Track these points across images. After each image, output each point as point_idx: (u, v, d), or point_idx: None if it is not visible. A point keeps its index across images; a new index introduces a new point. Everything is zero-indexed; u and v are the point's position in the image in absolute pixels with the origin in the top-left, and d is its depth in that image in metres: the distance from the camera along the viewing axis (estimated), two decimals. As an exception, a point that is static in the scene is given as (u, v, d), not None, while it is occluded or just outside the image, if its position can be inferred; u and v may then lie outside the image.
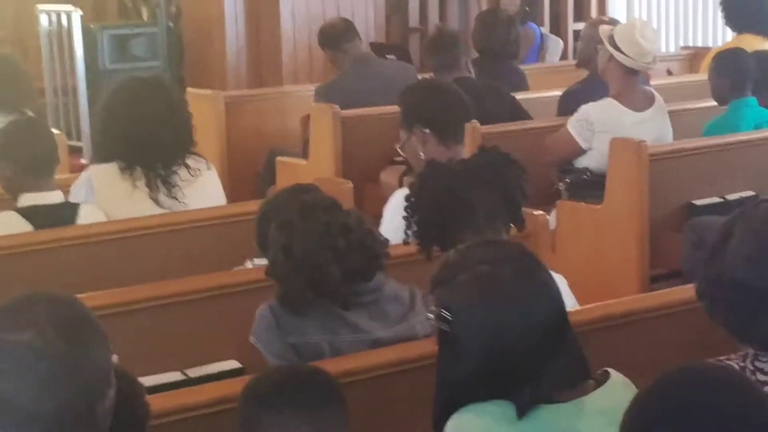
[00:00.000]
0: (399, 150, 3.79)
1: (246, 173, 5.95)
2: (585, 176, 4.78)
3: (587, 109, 4.80)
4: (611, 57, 4.79)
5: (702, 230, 4.35)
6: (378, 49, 6.98)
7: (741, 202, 4.47)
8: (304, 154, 5.61)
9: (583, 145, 4.77)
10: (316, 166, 5.33)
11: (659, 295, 3.11)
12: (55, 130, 4.74)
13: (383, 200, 3.78)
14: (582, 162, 4.82)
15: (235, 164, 5.97)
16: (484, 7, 8.28)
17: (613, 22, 5.71)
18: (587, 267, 4.55)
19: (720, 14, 6.67)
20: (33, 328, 1.69)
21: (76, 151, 7.21)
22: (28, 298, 1.75)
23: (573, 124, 4.80)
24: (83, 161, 7.03)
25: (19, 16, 9.29)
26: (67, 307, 1.75)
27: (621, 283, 4.39)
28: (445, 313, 2.02)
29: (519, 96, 5.58)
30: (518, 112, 5.40)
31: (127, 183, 3.70)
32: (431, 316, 2.08)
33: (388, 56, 6.67)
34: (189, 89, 6.21)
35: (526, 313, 2.00)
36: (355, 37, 5.97)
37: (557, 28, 8.49)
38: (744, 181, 4.71)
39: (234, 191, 5.36)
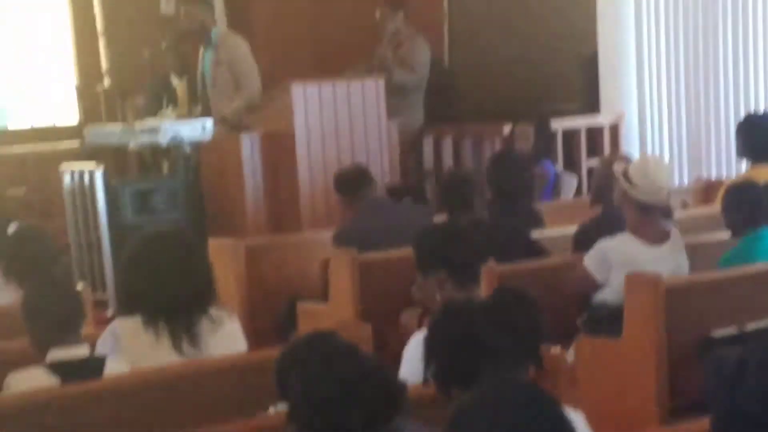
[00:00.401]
0: (415, 293, 3.85)
1: (267, 319, 6.00)
2: (602, 311, 4.82)
3: (604, 244, 4.88)
4: (626, 193, 4.88)
5: (721, 362, 4.36)
6: (393, 191, 7.11)
7: (759, 333, 4.50)
8: (324, 298, 5.67)
9: (600, 279, 4.83)
10: (337, 310, 5.39)
11: (679, 429, 3.12)
12: (80, 284, 4.84)
13: (403, 342, 3.82)
14: (599, 297, 4.87)
15: (256, 310, 6.04)
16: (498, 147, 8.42)
17: (627, 158, 5.81)
18: (608, 401, 4.56)
19: (735, 144, 6.79)
20: None
21: (101, 304, 7.30)
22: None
23: (590, 260, 4.87)
24: (108, 314, 7.11)
25: (43, 175, 9.51)
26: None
27: (642, 416, 4.39)
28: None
29: (534, 234, 5.65)
30: (535, 250, 5.47)
31: (151, 335, 3.76)
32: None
33: (403, 198, 6.79)
34: (210, 239, 6.31)
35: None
36: (370, 182, 6.10)
37: (571, 165, 8.61)
38: (762, 313, 4.73)
39: (255, 337, 5.40)
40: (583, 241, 5.24)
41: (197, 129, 7.69)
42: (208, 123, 7.78)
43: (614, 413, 4.42)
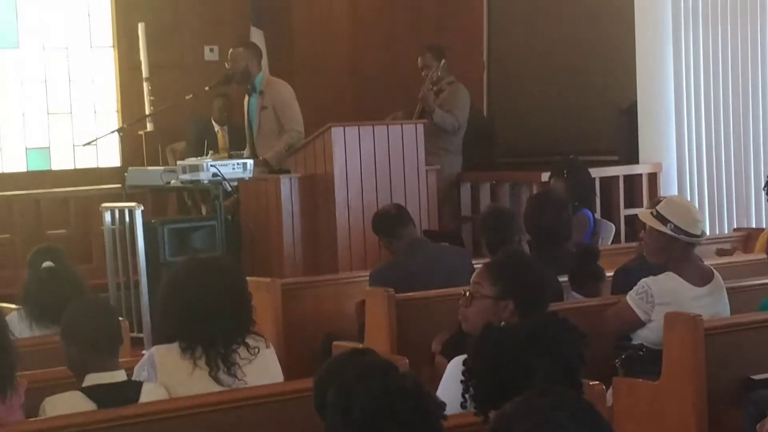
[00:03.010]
0: (466, 293, 3.78)
1: (303, 358, 5.98)
2: (641, 352, 4.77)
3: (647, 282, 4.83)
4: (662, 234, 4.83)
5: (762, 405, 4.31)
6: (431, 236, 7.11)
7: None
8: (360, 338, 5.66)
9: (643, 317, 4.79)
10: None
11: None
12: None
13: (439, 379, 3.79)
14: (639, 336, 4.82)
15: (292, 350, 6.03)
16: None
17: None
18: (647, 444, 4.51)
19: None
20: None
21: (137, 343, 7.32)
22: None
23: (633, 297, 4.83)
24: (144, 352, 7.11)
25: (84, 216, 9.61)
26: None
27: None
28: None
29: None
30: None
31: (188, 362, 3.77)
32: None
33: (441, 243, 6.77)
34: (248, 278, 6.32)
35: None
36: (408, 222, 6.11)
37: (609, 214, 8.59)
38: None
39: (291, 376, 5.39)
40: (623, 282, 5.21)
41: (238, 168, 7.75)
42: (249, 163, 7.85)
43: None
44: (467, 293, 3.81)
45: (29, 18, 10.57)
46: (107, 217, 7.91)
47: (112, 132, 9.13)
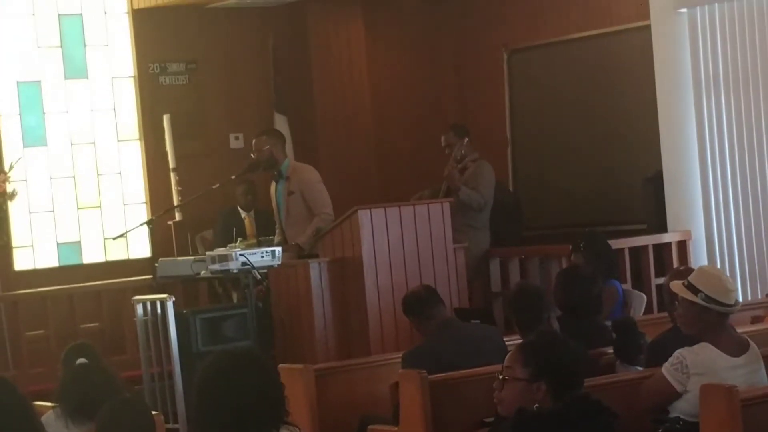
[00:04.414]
0: (501, 378, 3.76)
1: (339, 444, 6.00)
2: (678, 425, 4.74)
3: (682, 353, 4.82)
4: (694, 304, 4.82)
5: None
6: (462, 313, 7.11)
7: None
8: (395, 420, 5.65)
9: (679, 388, 4.76)
10: (408, 431, 5.36)
11: None
12: (153, 413, 4.87)
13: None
14: (676, 409, 4.80)
15: (327, 435, 6.03)
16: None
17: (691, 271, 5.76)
18: None
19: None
20: None
21: (172, 434, 7.33)
22: None
23: (668, 368, 4.82)
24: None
25: (116, 307, 9.68)
26: None
27: None
28: None
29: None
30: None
31: (223, 455, 3.76)
32: None
33: (472, 320, 6.78)
34: (280, 365, 6.34)
35: None
36: (438, 303, 6.12)
37: (640, 284, 8.56)
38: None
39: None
40: (658, 354, 5.19)
41: (267, 256, 7.80)
42: (278, 250, 7.90)
43: None
44: (501, 376, 3.80)
45: (55, 115, 10.73)
46: (139, 309, 7.97)
47: (142, 224, 9.22)
